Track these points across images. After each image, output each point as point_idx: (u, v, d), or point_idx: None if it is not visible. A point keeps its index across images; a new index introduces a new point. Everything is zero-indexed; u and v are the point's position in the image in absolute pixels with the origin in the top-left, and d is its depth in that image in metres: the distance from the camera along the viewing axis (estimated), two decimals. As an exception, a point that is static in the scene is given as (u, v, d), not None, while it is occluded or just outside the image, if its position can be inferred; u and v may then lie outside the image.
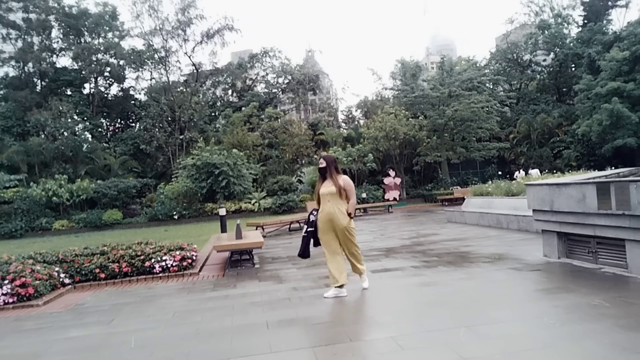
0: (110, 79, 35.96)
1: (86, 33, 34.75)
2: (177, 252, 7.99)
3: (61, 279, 7.22)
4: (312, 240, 5.45)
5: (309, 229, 5.38)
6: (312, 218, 5.41)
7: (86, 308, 5.98)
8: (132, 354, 3.99)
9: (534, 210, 6.95)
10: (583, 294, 4.66)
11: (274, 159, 29.38)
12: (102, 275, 7.52)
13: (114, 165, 30.01)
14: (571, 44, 31.47)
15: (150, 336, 4.47)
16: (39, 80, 33.82)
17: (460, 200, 19.22)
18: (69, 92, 33.57)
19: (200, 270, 7.99)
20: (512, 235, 9.53)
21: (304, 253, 5.44)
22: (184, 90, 33.85)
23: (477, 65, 31.81)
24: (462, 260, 7.12)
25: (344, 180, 5.38)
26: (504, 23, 72.33)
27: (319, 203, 5.44)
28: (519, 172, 14.86)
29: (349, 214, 5.33)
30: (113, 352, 4.08)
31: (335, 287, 5.29)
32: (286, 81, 39.10)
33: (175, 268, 7.80)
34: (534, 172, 14.52)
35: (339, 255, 5.37)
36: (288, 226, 15.18)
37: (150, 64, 35.07)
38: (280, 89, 39.36)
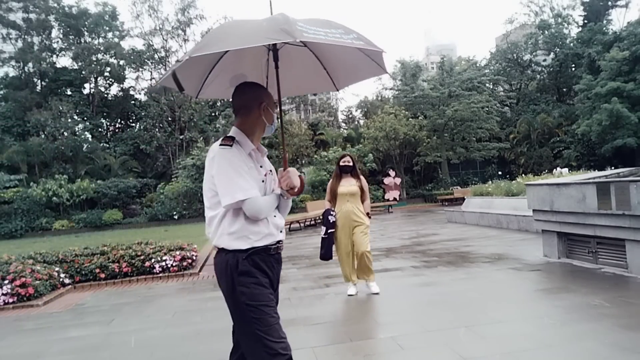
0: (110, 79, 35.93)
1: (86, 33, 34.73)
2: (177, 252, 7.99)
3: (61, 279, 7.22)
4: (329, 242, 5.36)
5: (329, 231, 5.26)
6: (331, 219, 5.27)
7: (86, 308, 5.98)
8: (132, 354, 3.99)
9: (534, 210, 6.95)
10: (583, 294, 4.66)
11: (274, 159, 29.38)
12: (102, 275, 7.52)
13: (114, 165, 29.99)
14: (571, 44, 31.48)
15: (150, 336, 4.47)
16: (39, 80, 33.79)
17: (460, 200, 19.22)
18: (69, 92, 33.53)
19: (200, 270, 7.99)
20: (512, 235, 9.53)
21: (327, 254, 5.25)
22: (184, 90, 33.77)
23: (477, 65, 31.80)
24: (462, 260, 7.12)
25: (362, 181, 5.43)
26: (504, 23, 72.26)
27: (333, 202, 5.39)
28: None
29: (368, 214, 5.38)
30: (113, 352, 4.08)
31: (354, 284, 5.39)
32: (286, 81, 39.03)
33: (175, 268, 7.80)
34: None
35: (351, 256, 5.37)
36: (288, 226, 15.18)
37: (150, 64, 35.06)
38: (280, 89, 39.29)
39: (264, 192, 2.13)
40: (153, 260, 7.75)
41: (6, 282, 6.45)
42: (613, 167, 19.68)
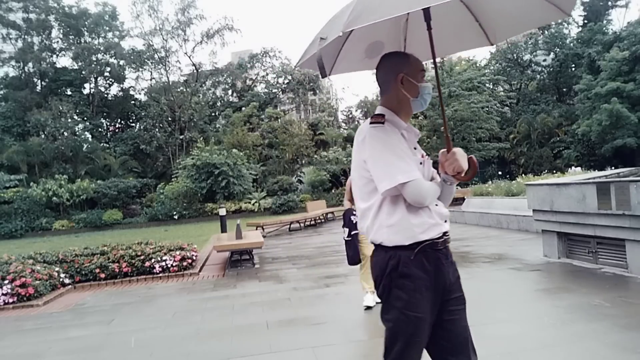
0: (110, 79, 35.98)
1: (86, 33, 34.76)
2: (177, 252, 7.99)
3: (61, 279, 7.22)
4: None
5: (353, 232, 4.71)
6: (354, 219, 4.68)
7: (86, 308, 5.98)
8: (132, 354, 3.99)
9: (534, 210, 6.95)
10: (583, 294, 4.66)
11: (274, 159, 29.39)
12: (102, 275, 7.52)
13: (114, 165, 30.01)
14: (571, 44, 31.50)
15: (150, 336, 4.47)
16: (39, 80, 33.83)
17: (460, 200, 19.21)
18: (69, 92, 33.58)
19: (200, 270, 7.99)
20: (512, 235, 9.52)
21: (355, 258, 4.76)
22: (184, 90, 33.86)
23: (477, 65, 31.85)
24: (462, 260, 7.12)
25: None
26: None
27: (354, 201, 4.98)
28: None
29: None
30: (113, 352, 4.08)
31: (372, 292, 4.79)
32: (286, 81, 39.09)
33: (175, 268, 7.80)
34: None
35: None
36: (288, 226, 15.17)
37: (150, 64, 35.09)
38: (280, 89, 39.36)
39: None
40: (153, 260, 7.75)
41: (6, 282, 6.45)
42: (613, 167, 19.69)
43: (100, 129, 34.82)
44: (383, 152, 1.74)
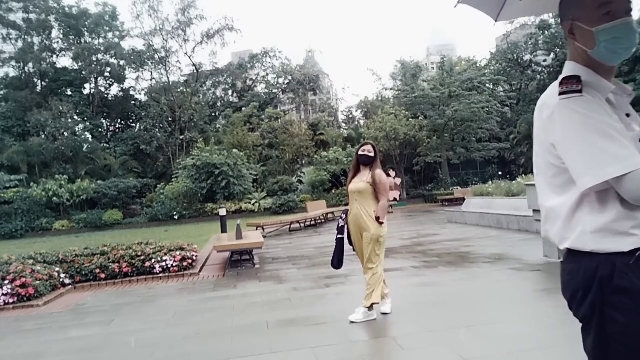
0: (110, 79, 35.99)
1: (86, 33, 34.77)
2: (177, 252, 8.00)
3: (61, 279, 7.23)
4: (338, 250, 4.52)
5: (338, 236, 4.41)
6: (340, 222, 4.42)
7: (86, 308, 5.98)
8: (132, 354, 3.99)
9: (534, 211, 6.97)
10: (583, 294, 4.65)
11: (274, 159, 29.39)
12: (102, 275, 7.52)
13: (114, 165, 30.02)
14: (571, 44, 31.49)
15: (150, 336, 4.47)
16: (39, 80, 33.84)
17: (460, 200, 19.23)
18: (69, 92, 33.59)
19: (200, 270, 7.99)
20: (512, 235, 9.52)
21: (333, 262, 4.47)
22: (184, 90, 33.86)
23: (477, 65, 31.82)
24: (462, 260, 7.12)
25: (379, 175, 4.32)
26: (504, 23, 72.30)
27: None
28: None
29: (377, 219, 4.24)
30: (113, 352, 4.08)
31: (387, 299, 4.47)
32: (286, 81, 39.09)
33: (175, 268, 7.80)
34: None
35: None
36: (288, 226, 15.18)
37: (150, 64, 35.10)
38: (280, 89, 39.37)
39: None
40: (153, 260, 7.75)
41: (6, 282, 6.45)
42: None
43: (100, 129, 34.82)
44: (583, 133, 1.25)
